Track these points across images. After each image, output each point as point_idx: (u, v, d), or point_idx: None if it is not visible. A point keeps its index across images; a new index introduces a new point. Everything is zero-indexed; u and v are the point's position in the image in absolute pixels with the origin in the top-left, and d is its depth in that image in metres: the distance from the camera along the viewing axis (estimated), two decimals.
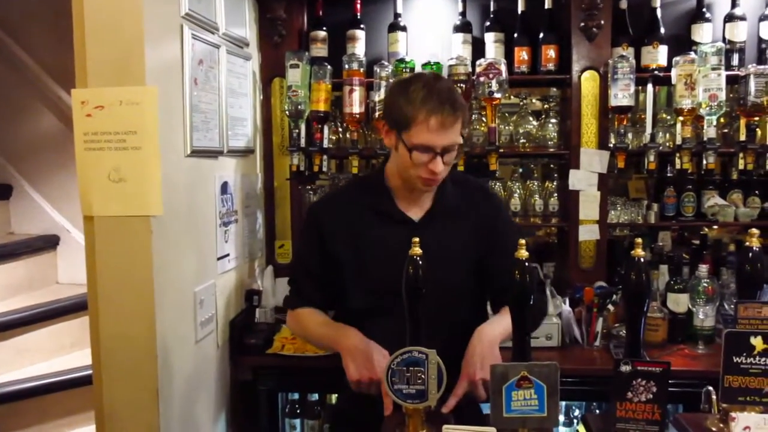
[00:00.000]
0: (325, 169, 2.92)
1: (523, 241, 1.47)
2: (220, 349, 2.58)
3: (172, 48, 2.14)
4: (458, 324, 1.84)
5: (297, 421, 2.87)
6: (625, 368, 1.44)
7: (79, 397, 3.08)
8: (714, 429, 1.56)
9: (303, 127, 2.86)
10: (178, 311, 2.21)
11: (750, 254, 1.51)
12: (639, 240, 1.46)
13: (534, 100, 3.21)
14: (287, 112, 2.85)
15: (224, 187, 2.59)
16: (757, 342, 1.47)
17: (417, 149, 1.74)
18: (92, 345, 2.08)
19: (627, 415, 1.45)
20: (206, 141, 2.38)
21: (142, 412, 2.06)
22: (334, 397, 2.86)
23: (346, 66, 2.86)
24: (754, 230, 1.53)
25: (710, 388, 1.63)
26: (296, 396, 2.89)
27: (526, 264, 1.46)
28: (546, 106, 3.13)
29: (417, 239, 1.50)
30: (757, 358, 1.47)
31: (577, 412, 2.91)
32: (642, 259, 1.44)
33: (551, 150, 3.02)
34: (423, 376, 1.47)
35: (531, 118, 3.07)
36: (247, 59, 2.82)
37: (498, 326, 1.82)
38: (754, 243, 1.52)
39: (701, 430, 1.57)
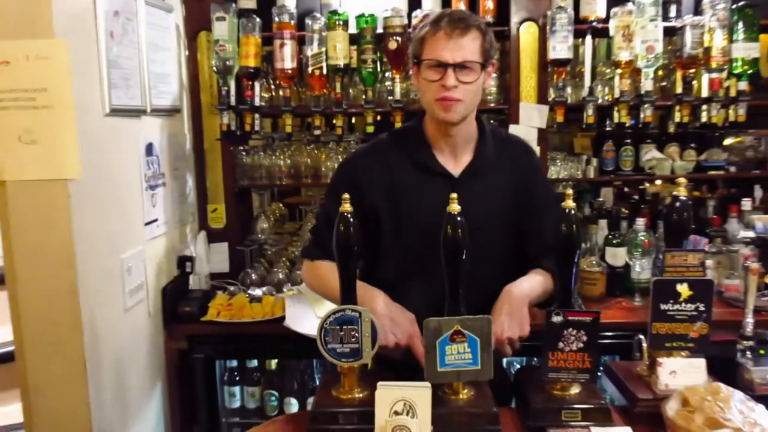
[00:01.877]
0: (257, 128, 2.89)
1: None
2: (152, 318, 2.56)
3: None
4: (494, 286, 1.81)
5: (236, 389, 2.89)
6: (557, 319, 1.50)
7: (3, 374, 3.02)
8: (643, 374, 1.66)
9: (232, 84, 2.81)
10: (103, 280, 2.18)
11: (677, 203, 1.59)
12: (569, 192, 1.51)
13: None
14: (215, 68, 2.79)
15: (149, 149, 2.53)
16: (683, 289, 1.56)
17: (428, 68, 1.73)
18: (13, 318, 2.03)
19: (559, 364, 1.52)
20: (127, 99, 2.32)
21: (70, 386, 2.04)
22: (273, 363, 2.89)
23: (276, 18, 2.80)
24: (682, 179, 1.61)
25: (641, 336, 1.72)
26: (234, 363, 2.91)
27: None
28: None
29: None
30: (683, 305, 1.56)
31: (517, 368, 3.01)
32: (572, 211, 1.50)
33: (491, 105, 3.05)
34: (357, 334, 1.50)
35: None
36: (169, 11, 2.74)
37: (527, 285, 1.80)
38: (682, 192, 1.60)
39: (631, 377, 1.67)
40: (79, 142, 1.96)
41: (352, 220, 1.51)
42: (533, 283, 1.81)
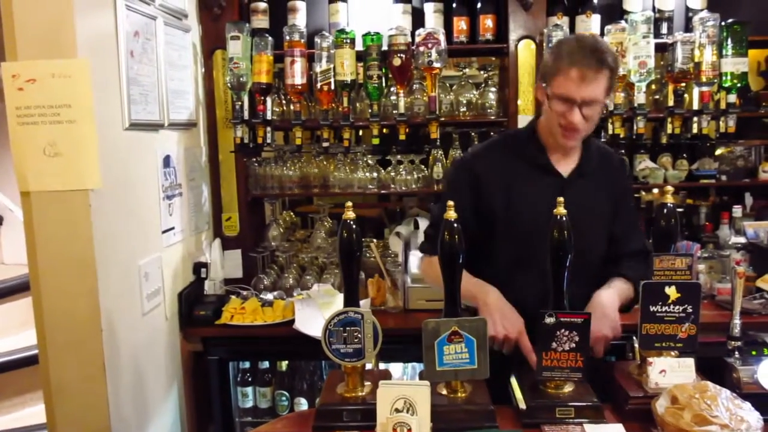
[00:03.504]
0: (269, 140, 2.91)
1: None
2: (168, 321, 2.58)
3: (104, 19, 2.10)
4: (597, 277, 1.89)
5: (249, 389, 2.90)
6: (550, 320, 1.51)
7: (31, 375, 3.05)
8: (634, 373, 1.66)
9: (246, 99, 2.83)
10: (122, 285, 2.20)
11: (665, 210, 1.60)
12: (560, 199, 1.52)
13: (474, 70, 3.24)
14: (229, 84, 2.81)
15: (167, 161, 2.56)
16: (671, 291, 1.57)
17: (557, 98, 1.79)
18: (36, 322, 2.06)
19: (552, 363, 1.53)
20: (145, 114, 2.35)
21: (90, 386, 2.06)
22: (284, 364, 2.90)
23: (287, 37, 2.83)
24: (669, 188, 1.61)
25: (634, 337, 1.72)
26: (247, 365, 2.92)
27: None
28: (485, 75, 3.16)
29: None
30: (671, 307, 1.57)
31: None
32: (563, 218, 1.51)
33: (491, 118, 3.06)
34: (359, 335, 1.51)
35: (471, 87, 3.11)
36: (187, 31, 2.77)
37: (614, 292, 1.85)
38: (668, 200, 1.60)
39: (624, 375, 1.67)
40: (100, 154, 1.99)
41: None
42: (616, 291, 1.85)
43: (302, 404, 2.88)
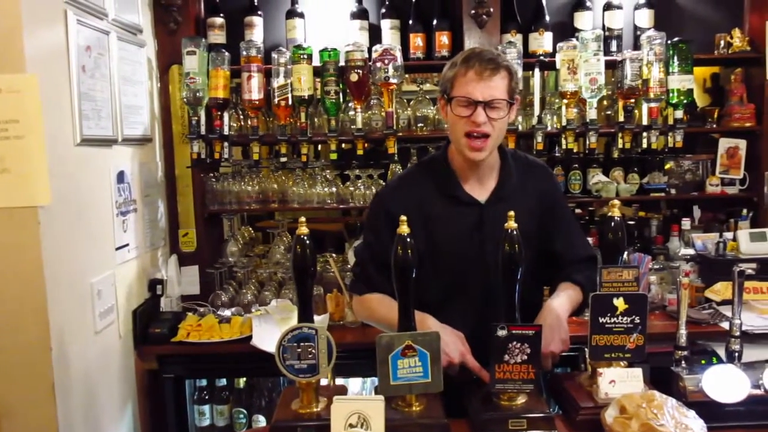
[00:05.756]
0: (226, 156, 2.90)
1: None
2: (122, 340, 2.52)
3: (54, 34, 2.07)
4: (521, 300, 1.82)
5: (206, 407, 2.86)
6: (502, 333, 1.53)
7: None
8: (585, 384, 1.69)
9: (202, 114, 2.82)
10: (73, 303, 2.15)
11: (612, 223, 1.64)
12: (511, 213, 1.54)
13: (432, 85, 3.28)
14: (185, 99, 2.79)
15: (120, 176, 2.52)
16: (619, 303, 1.60)
17: (459, 104, 1.77)
18: None
19: (505, 376, 1.54)
20: (98, 129, 2.31)
21: (38, 408, 2.00)
22: (242, 381, 2.86)
23: (244, 52, 2.83)
24: (616, 201, 1.66)
25: (585, 348, 1.75)
26: (204, 382, 2.87)
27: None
28: None
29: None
30: (620, 318, 1.60)
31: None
32: (514, 232, 1.53)
33: (448, 133, 3.08)
34: (313, 350, 1.51)
35: (429, 103, 3.14)
36: (141, 46, 2.75)
37: (564, 301, 1.86)
38: (616, 213, 1.64)
39: (575, 386, 1.70)
40: (49, 170, 1.96)
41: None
42: (569, 297, 1.88)
43: (260, 421, 2.85)
